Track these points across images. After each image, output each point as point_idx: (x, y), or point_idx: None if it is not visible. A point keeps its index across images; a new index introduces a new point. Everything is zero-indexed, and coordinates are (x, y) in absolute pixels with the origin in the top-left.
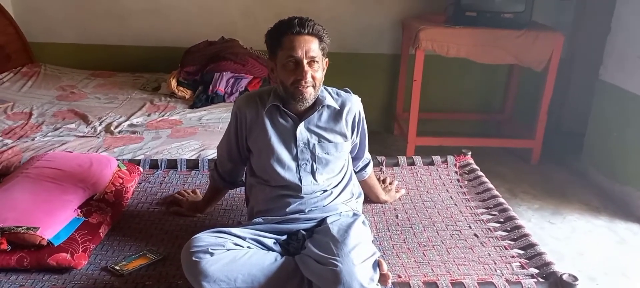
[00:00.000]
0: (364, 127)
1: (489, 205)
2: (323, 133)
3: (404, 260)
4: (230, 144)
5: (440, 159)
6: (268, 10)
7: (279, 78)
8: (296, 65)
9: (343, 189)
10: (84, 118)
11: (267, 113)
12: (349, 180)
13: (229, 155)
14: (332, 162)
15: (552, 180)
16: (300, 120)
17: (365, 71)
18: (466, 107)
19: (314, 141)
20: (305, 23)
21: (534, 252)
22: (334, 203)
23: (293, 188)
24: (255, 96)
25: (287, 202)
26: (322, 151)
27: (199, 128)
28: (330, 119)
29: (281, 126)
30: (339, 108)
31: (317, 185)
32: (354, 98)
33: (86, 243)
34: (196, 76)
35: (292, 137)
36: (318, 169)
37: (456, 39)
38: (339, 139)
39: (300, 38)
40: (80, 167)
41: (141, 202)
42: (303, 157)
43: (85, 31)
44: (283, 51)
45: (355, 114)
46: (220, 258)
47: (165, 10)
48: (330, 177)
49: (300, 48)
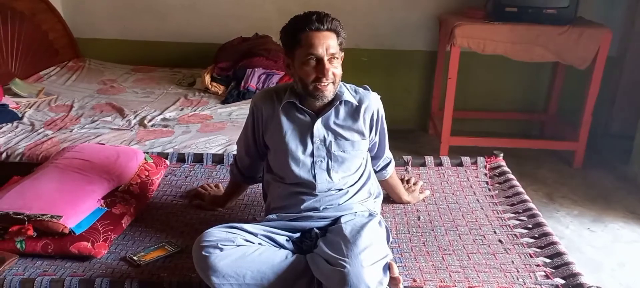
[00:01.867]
0: (384, 125)
1: (517, 210)
2: (340, 130)
3: (421, 264)
4: (248, 140)
5: (470, 160)
6: (302, 7)
7: (297, 75)
8: (317, 62)
9: (360, 188)
10: (120, 111)
11: (283, 109)
12: (366, 179)
13: (246, 151)
14: (348, 160)
15: (595, 185)
16: (317, 116)
17: (401, 68)
18: (506, 106)
19: (330, 138)
20: (323, 18)
21: (561, 261)
22: (349, 202)
23: (307, 185)
24: (272, 92)
25: (302, 199)
26: (339, 149)
27: (227, 123)
28: (348, 116)
29: (297, 122)
30: (356, 105)
31: (332, 183)
32: (373, 95)
33: (107, 233)
34: (229, 72)
35: (308, 134)
36: (333, 167)
37: (493, 36)
38: (356, 137)
39: (319, 34)
40: (108, 159)
41: (166, 194)
42: (319, 154)
43: (126, 27)
44: (302, 49)
45: (374, 112)
46: (230, 254)
47: (201, 7)
48: (346, 175)
49: (320, 45)
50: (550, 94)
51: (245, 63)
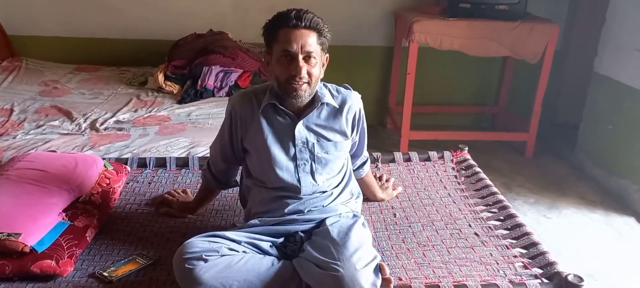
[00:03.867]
0: (364, 125)
1: (488, 203)
2: (322, 131)
3: (404, 262)
4: (224, 144)
5: (437, 155)
6: (259, 3)
7: (273, 73)
8: (291, 60)
9: (343, 190)
10: (68, 114)
11: (263, 112)
12: (348, 180)
13: (222, 156)
14: (331, 162)
15: (547, 173)
16: (299, 118)
17: (358, 64)
18: (460, 100)
19: (312, 140)
20: (302, 16)
21: (537, 252)
22: (333, 204)
23: (291, 189)
24: (251, 94)
25: (286, 203)
26: (322, 150)
27: (188, 124)
28: (330, 116)
29: (278, 125)
30: (338, 106)
31: (316, 186)
32: (354, 95)
33: (72, 248)
34: (184, 70)
35: (290, 136)
36: (317, 169)
37: (450, 31)
38: (339, 138)
39: (296, 31)
40: (65, 168)
41: (129, 203)
42: (302, 157)
43: (69, 24)
44: (278, 44)
45: (356, 112)
46: (215, 264)
47: (153, 2)
48: (330, 177)
49: (295, 42)
50: (500, 88)
51: (201, 61)
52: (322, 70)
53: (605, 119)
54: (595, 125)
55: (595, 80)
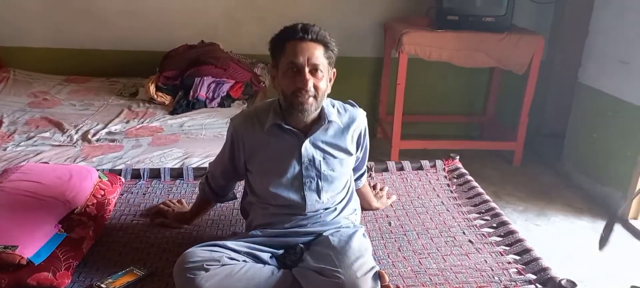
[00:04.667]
0: (368, 142)
1: (480, 210)
2: (329, 149)
3: (400, 270)
4: (226, 164)
5: (429, 164)
6: (250, 14)
7: (280, 87)
8: (297, 72)
9: (345, 205)
10: (59, 126)
11: (268, 133)
12: (351, 196)
13: (223, 174)
14: (337, 179)
15: (535, 182)
16: (305, 135)
17: (348, 74)
18: (449, 110)
19: (319, 158)
20: (309, 29)
21: (530, 257)
22: (336, 219)
23: (296, 207)
24: (252, 116)
25: (289, 218)
26: (328, 168)
27: (181, 135)
28: (337, 134)
29: (285, 144)
30: (346, 124)
31: (321, 204)
32: (360, 113)
33: (69, 260)
34: (176, 81)
35: (296, 154)
36: (323, 187)
37: (439, 43)
38: (344, 155)
39: (303, 44)
40: (60, 180)
41: (124, 214)
42: (308, 175)
43: (58, 35)
44: (285, 57)
45: (362, 130)
46: (216, 273)
47: (144, 13)
48: (334, 194)
49: (302, 54)
50: (488, 98)
51: (193, 71)
52: (329, 85)
53: (589, 128)
54: (580, 134)
55: (580, 91)
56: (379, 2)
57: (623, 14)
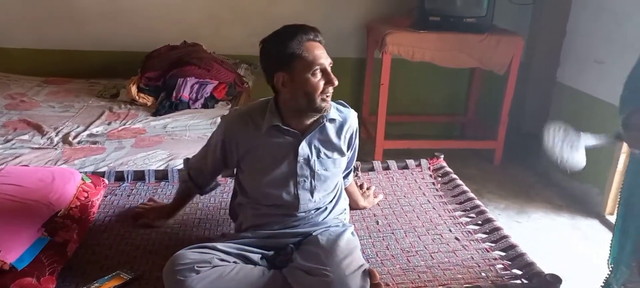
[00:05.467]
0: (357, 142)
1: (466, 208)
2: (323, 148)
3: (389, 268)
4: (216, 161)
5: (414, 163)
6: (233, 14)
7: (300, 91)
8: (324, 73)
9: (335, 205)
10: (38, 128)
11: (266, 134)
12: (340, 195)
13: (212, 172)
14: (329, 179)
15: (516, 180)
16: (302, 135)
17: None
18: (431, 109)
19: (314, 157)
20: (315, 30)
21: (515, 253)
22: (326, 218)
23: (289, 207)
24: (246, 116)
25: (281, 218)
26: (322, 167)
27: (165, 136)
28: (333, 134)
29: (281, 145)
30: (341, 122)
31: (313, 203)
32: (353, 113)
33: (53, 264)
34: (158, 82)
35: (292, 154)
36: (316, 186)
37: (421, 43)
38: (337, 155)
39: (317, 44)
40: (42, 182)
41: (108, 216)
42: (302, 174)
43: (37, 35)
44: (303, 60)
45: (353, 131)
46: (207, 275)
47: (125, 14)
48: (326, 193)
49: (324, 56)
50: (469, 98)
51: (176, 72)
52: None
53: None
54: None
55: (558, 90)
56: (361, 3)
57: (600, 14)
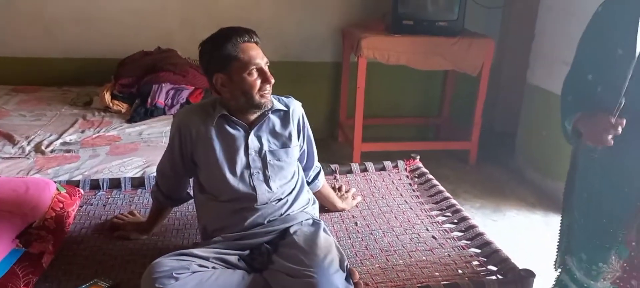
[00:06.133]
0: (309, 132)
1: (442, 207)
2: (273, 139)
3: (368, 267)
4: (175, 161)
5: (391, 164)
6: (207, 20)
7: (239, 90)
8: (260, 72)
9: (297, 195)
10: (8, 138)
11: (215, 125)
12: (302, 185)
13: (172, 172)
14: (284, 169)
15: (490, 179)
16: (250, 128)
17: (309, 79)
18: (406, 112)
19: (265, 148)
20: (250, 31)
21: (490, 250)
22: (292, 211)
23: (247, 199)
24: (198, 109)
25: (243, 216)
26: (274, 157)
27: (140, 143)
28: (278, 124)
29: (230, 137)
30: (284, 112)
31: (271, 193)
32: (296, 102)
33: (28, 276)
34: (132, 88)
35: (243, 147)
36: (271, 177)
37: (396, 47)
38: (288, 144)
39: (253, 45)
40: (15, 192)
41: (84, 227)
42: (255, 166)
43: (5, 42)
44: (240, 62)
45: (299, 117)
46: (186, 282)
47: (96, 20)
48: (284, 183)
49: (258, 56)
50: (443, 100)
51: (151, 78)
52: None
53: (538, 126)
54: (530, 132)
55: (528, 91)
56: (336, 8)
57: (566, 17)
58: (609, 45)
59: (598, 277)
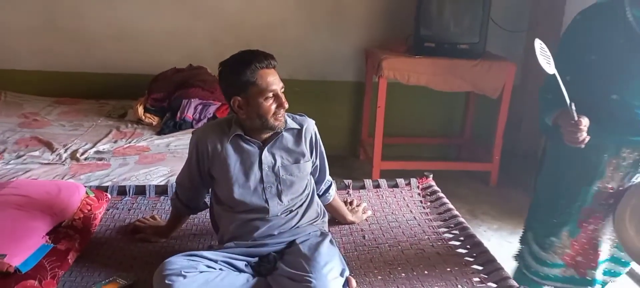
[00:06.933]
0: (322, 149)
1: (449, 225)
2: (286, 155)
3: (371, 279)
4: (192, 174)
5: (404, 182)
6: (236, 39)
7: (255, 113)
8: (275, 97)
9: (307, 208)
10: (48, 145)
11: (231, 142)
12: (312, 199)
13: (190, 184)
14: (296, 183)
15: (510, 201)
16: (264, 145)
17: (332, 98)
18: (428, 132)
19: (278, 164)
20: (269, 56)
21: (492, 268)
22: (301, 224)
23: (260, 210)
24: (215, 126)
25: (256, 225)
26: (286, 173)
27: (167, 154)
28: (292, 141)
29: (245, 153)
30: (298, 130)
31: (282, 206)
32: (310, 120)
33: (55, 269)
34: (164, 103)
35: (257, 162)
36: (283, 191)
37: (416, 68)
38: (301, 160)
39: (271, 71)
40: (48, 194)
41: (109, 229)
42: (268, 180)
43: (49, 58)
44: (257, 87)
45: (312, 135)
46: (194, 280)
47: (132, 38)
48: (295, 196)
49: (275, 82)
50: (465, 121)
51: (181, 94)
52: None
53: None
54: None
55: None
56: (360, 29)
57: None
58: (583, 50)
59: (549, 250)
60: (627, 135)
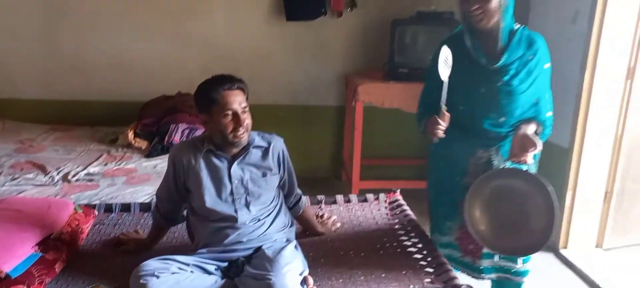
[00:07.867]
0: (290, 164)
1: (410, 234)
2: (254, 169)
3: (332, 281)
4: (170, 187)
5: (373, 197)
6: (224, 68)
7: (217, 129)
8: (234, 116)
9: (275, 218)
10: (42, 168)
11: (203, 157)
12: (279, 210)
13: (169, 197)
14: (263, 194)
15: None
16: (234, 160)
17: (315, 122)
18: (407, 153)
19: (247, 177)
20: (233, 79)
21: (442, 270)
22: (268, 232)
23: (230, 219)
24: (190, 144)
25: (226, 233)
26: (254, 185)
27: (152, 175)
28: (259, 157)
29: (216, 167)
30: (265, 148)
31: (250, 215)
32: (277, 138)
33: (42, 276)
34: (153, 128)
35: (227, 176)
36: (251, 201)
37: (389, 92)
38: (268, 174)
39: (232, 92)
40: (39, 209)
41: (95, 243)
42: (238, 192)
43: (47, 86)
44: (219, 106)
45: (280, 152)
46: (166, 280)
47: (128, 66)
48: (263, 207)
49: (235, 102)
50: None
51: (169, 119)
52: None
53: None
54: None
55: None
56: (341, 57)
57: None
58: (436, 74)
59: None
60: (477, 139)
